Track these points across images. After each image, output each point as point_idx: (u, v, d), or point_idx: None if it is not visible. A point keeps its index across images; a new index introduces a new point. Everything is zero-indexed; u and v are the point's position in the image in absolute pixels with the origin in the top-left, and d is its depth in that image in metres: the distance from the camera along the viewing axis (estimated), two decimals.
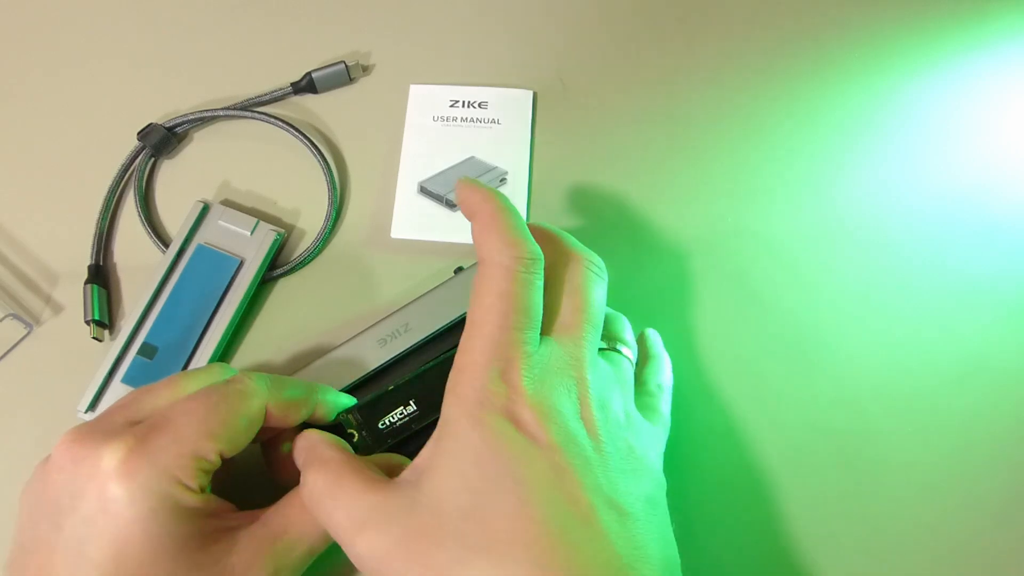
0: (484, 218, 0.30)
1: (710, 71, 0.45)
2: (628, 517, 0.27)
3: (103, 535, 0.26)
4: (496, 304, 0.28)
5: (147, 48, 0.46)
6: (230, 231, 0.40)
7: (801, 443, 0.36)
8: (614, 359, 0.32)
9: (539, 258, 0.30)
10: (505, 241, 0.29)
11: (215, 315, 0.38)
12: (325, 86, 0.44)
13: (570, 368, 0.29)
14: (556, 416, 0.27)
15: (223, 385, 0.30)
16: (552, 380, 0.28)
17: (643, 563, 0.26)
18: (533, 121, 0.44)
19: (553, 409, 0.27)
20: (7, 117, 0.44)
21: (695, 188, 0.42)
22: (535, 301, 0.29)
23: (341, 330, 0.38)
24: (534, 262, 0.29)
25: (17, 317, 0.39)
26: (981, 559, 0.35)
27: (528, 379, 0.28)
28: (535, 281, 0.29)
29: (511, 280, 0.29)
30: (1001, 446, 0.36)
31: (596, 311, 0.31)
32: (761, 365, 0.38)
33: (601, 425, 0.28)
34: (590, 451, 0.27)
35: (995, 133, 0.44)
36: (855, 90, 0.45)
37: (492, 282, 0.29)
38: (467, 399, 0.27)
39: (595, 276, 0.32)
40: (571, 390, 0.28)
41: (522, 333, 0.28)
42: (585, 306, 0.31)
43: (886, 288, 0.40)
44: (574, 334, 0.30)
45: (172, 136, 0.43)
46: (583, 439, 0.27)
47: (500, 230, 0.30)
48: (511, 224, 0.30)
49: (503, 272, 0.29)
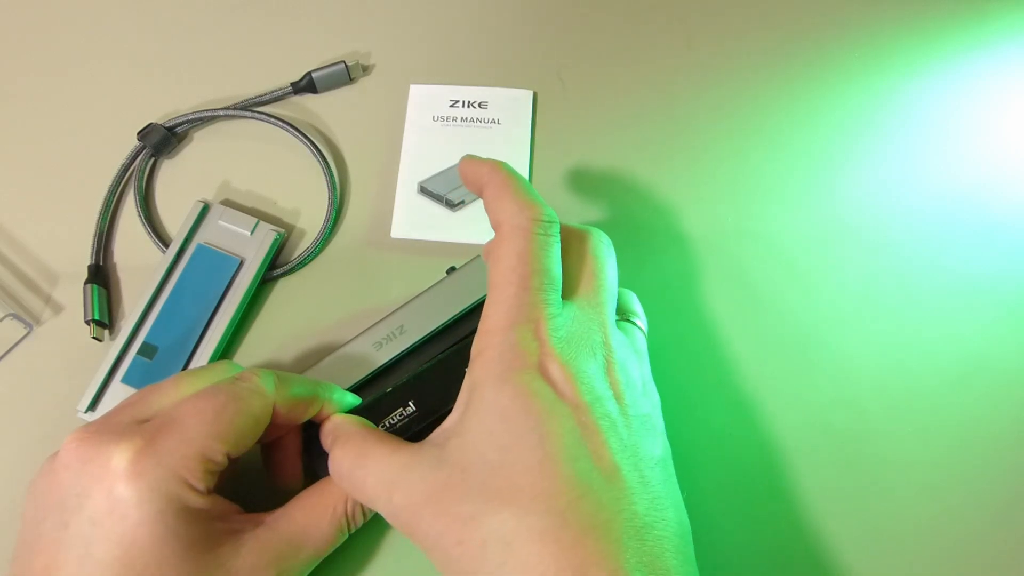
0: (496, 185, 0.31)
1: (710, 71, 0.45)
2: (647, 479, 0.27)
3: (110, 536, 0.26)
4: (517, 266, 0.29)
5: (147, 48, 0.46)
6: (230, 231, 0.40)
7: (801, 443, 0.36)
8: (628, 329, 0.33)
9: (555, 219, 0.30)
10: (520, 204, 0.30)
11: (215, 315, 0.38)
12: (325, 86, 0.44)
13: (594, 332, 0.29)
14: (584, 376, 0.27)
15: (230, 383, 0.30)
16: (578, 341, 0.28)
17: (662, 524, 0.26)
18: (533, 121, 0.44)
19: (580, 369, 0.28)
20: (7, 117, 0.44)
21: (695, 188, 0.42)
22: (555, 262, 0.29)
23: (341, 330, 0.38)
24: (551, 223, 0.30)
25: (17, 317, 0.39)
26: (981, 559, 0.35)
27: (555, 339, 0.28)
28: (553, 243, 0.29)
29: (530, 240, 0.29)
30: (1001, 446, 0.36)
31: (611, 280, 0.31)
32: (761, 365, 0.38)
33: (625, 388, 0.28)
34: (615, 413, 0.28)
35: (995, 133, 0.44)
36: (855, 90, 0.45)
37: (511, 244, 0.29)
38: (495, 360, 0.28)
39: (606, 247, 0.32)
40: (596, 352, 0.29)
41: (545, 294, 0.28)
42: (600, 273, 0.31)
43: (886, 288, 0.40)
44: (593, 300, 0.30)
45: (172, 136, 0.43)
46: (609, 400, 0.28)
47: (514, 194, 0.30)
48: (524, 188, 0.30)
49: (522, 233, 0.29)
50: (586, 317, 0.29)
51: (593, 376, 0.28)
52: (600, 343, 0.29)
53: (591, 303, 0.30)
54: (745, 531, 0.35)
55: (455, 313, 0.36)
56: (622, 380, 0.29)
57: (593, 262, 0.31)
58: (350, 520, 0.31)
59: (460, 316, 0.37)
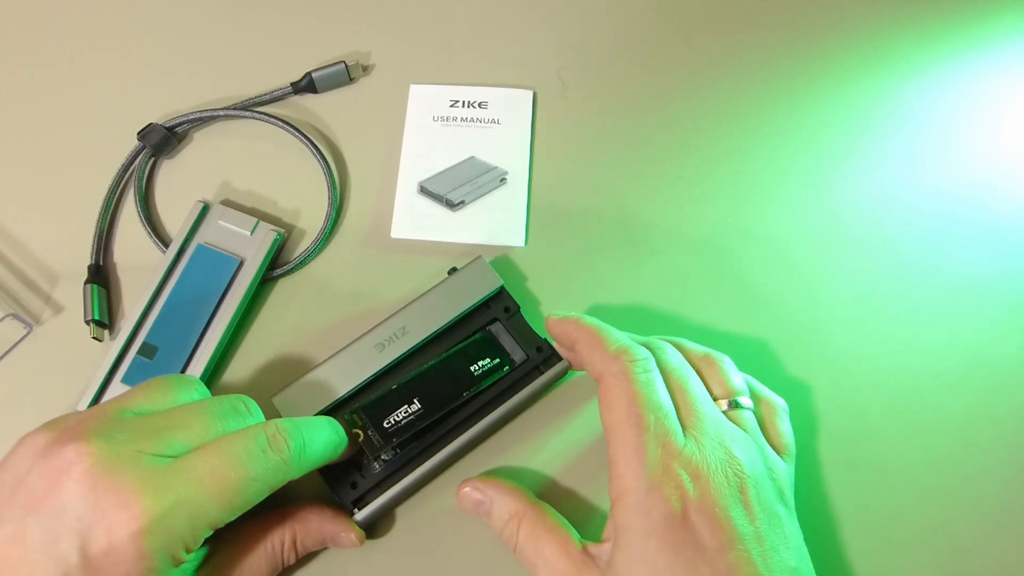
0: (584, 340, 0.33)
1: (710, 71, 0.45)
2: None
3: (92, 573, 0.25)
4: (630, 408, 0.30)
5: (147, 48, 0.46)
6: (230, 231, 0.40)
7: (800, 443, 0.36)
8: (741, 418, 0.33)
9: (649, 356, 0.31)
10: (613, 351, 0.31)
11: (215, 315, 0.38)
12: (325, 86, 0.44)
13: (717, 451, 0.30)
14: (722, 515, 0.29)
15: (262, 453, 0.29)
16: (708, 471, 0.29)
17: None
18: (533, 121, 0.44)
19: (719, 507, 0.29)
20: (7, 117, 0.44)
21: (695, 188, 0.42)
22: (663, 395, 0.31)
23: (341, 330, 0.38)
24: (647, 360, 0.31)
25: (17, 317, 0.39)
26: (981, 559, 0.35)
27: (687, 478, 0.29)
28: (655, 378, 0.31)
29: (633, 383, 0.30)
30: (1001, 446, 0.36)
31: (698, 394, 0.32)
32: (761, 365, 0.38)
33: (758, 509, 0.29)
34: (752, 543, 0.28)
35: (995, 133, 0.44)
36: (855, 90, 0.45)
37: (618, 391, 0.31)
38: (634, 509, 0.29)
39: (677, 360, 0.33)
40: (729, 480, 0.29)
41: (665, 427, 0.30)
42: (687, 390, 0.32)
43: (886, 288, 0.40)
44: (700, 422, 0.31)
45: (172, 136, 0.43)
46: (746, 531, 0.29)
47: (603, 343, 0.32)
48: (610, 336, 0.32)
49: (623, 379, 0.31)
50: (709, 442, 0.30)
51: (731, 510, 0.29)
52: (725, 461, 0.30)
53: (701, 426, 0.30)
54: None
55: (457, 314, 0.36)
56: (755, 499, 0.29)
57: (678, 385, 0.32)
58: (285, 558, 0.32)
59: (462, 317, 0.37)
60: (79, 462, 0.26)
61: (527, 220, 0.41)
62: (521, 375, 0.36)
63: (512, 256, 0.41)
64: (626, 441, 0.30)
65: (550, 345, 0.37)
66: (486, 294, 0.37)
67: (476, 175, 0.42)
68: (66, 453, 0.27)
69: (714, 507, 0.29)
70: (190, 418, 0.29)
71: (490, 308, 0.37)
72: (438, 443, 0.35)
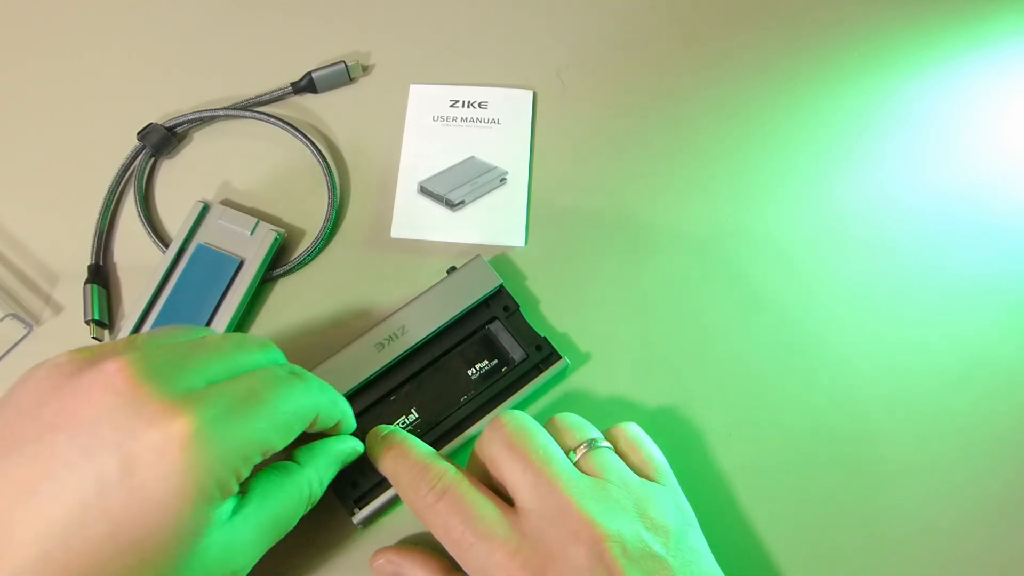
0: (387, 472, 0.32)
1: (710, 71, 0.45)
2: None
3: (117, 503, 0.23)
4: (456, 528, 0.29)
5: (147, 48, 0.46)
6: (230, 231, 0.40)
7: (800, 444, 0.36)
8: (601, 457, 0.31)
9: (443, 474, 0.30)
10: (412, 488, 0.30)
11: (215, 315, 0.38)
12: (325, 86, 0.44)
13: (581, 523, 0.28)
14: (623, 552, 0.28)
15: (298, 377, 0.28)
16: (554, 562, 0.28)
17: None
18: (533, 121, 0.44)
19: None
20: (7, 117, 0.44)
21: (695, 188, 0.42)
22: (479, 500, 0.29)
23: (341, 330, 0.38)
24: (439, 480, 0.30)
25: (17, 317, 0.39)
26: (982, 560, 0.35)
27: None
28: (461, 491, 0.29)
29: (436, 513, 0.29)
30: (1001, 447, 0.36)
31: (540, 456, 0.30)
32: (761, 365, 0.38)
33: (637, 556, 0.28)
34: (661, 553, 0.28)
35: (995, 133, 0.44)
36: (855, 90, 0.45)
37: (437, 520, 0.29)
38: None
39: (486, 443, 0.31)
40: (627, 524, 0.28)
41: (494, 533, 0.28)
42: (524, 462, 0.30)
43: (886, 288, 0.40)
44: (554, 496, 0.29)
45: (172, 136, 0.43)
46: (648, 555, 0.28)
47: (402, 480, 0.31)
48: (409, 465, 0.31)
49: (430, 510, 0.29)
50: (571, 507, 0.28)
51: None
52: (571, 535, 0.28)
53: (556, 503, 0.29)
54: (744, 532, 0.35)
55: (456, 313, 0.36)
56: (620, 555, 0.28)
57: (498, 469, 0.30)
58: None
59: (461, 316, 0.37)
60: (119, 373, 0.24)
61: (527, 220, 0.41)
62: (521, 373, 0.36)
63: (512, 256, 0.41)
64: (470, 555, 0.29)
65: (549, 343, 0.37)
66: (485, 293, 0.37)
67: (476, 175, 0.42)
68: (106, 366, 0.24)
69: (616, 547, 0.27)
70: (224, 343, 0.28)
71: (489, 307, 0.37)
72: (438, 443, 0.35)
